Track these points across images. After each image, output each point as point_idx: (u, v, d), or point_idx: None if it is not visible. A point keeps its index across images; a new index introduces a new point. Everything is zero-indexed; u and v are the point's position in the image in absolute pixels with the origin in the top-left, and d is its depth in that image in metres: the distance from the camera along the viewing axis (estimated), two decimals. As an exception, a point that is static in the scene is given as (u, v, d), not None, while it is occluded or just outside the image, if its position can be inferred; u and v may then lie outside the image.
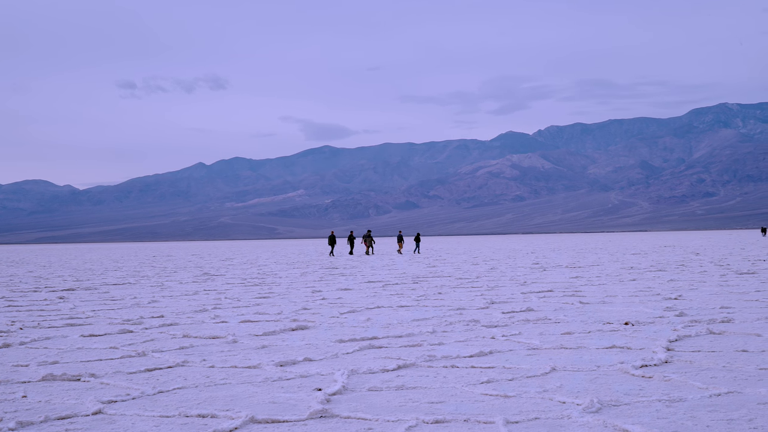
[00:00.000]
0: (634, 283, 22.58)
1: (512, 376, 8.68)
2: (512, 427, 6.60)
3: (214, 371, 9.39)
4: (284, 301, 18.98)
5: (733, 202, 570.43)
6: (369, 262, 43.30)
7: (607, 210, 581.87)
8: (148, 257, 69.04)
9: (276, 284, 25.82)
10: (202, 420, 7.07)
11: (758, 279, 23.25)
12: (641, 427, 6.42)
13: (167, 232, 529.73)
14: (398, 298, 19.36)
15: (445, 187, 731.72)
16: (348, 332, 12.67)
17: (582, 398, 7.47)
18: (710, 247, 60.49)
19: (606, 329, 12.48)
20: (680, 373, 8.62)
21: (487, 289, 21.72)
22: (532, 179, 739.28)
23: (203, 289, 24.22)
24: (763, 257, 39.02)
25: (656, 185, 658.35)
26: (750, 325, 12.62)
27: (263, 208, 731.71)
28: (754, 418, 6.68)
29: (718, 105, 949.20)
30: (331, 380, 8.65)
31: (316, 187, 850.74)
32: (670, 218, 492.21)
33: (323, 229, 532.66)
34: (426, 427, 6.68)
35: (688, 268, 29.84)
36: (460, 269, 33.27)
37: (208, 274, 33.37)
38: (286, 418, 7.01)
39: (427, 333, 12.39)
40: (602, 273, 28.19)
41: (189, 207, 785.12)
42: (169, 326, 14.10)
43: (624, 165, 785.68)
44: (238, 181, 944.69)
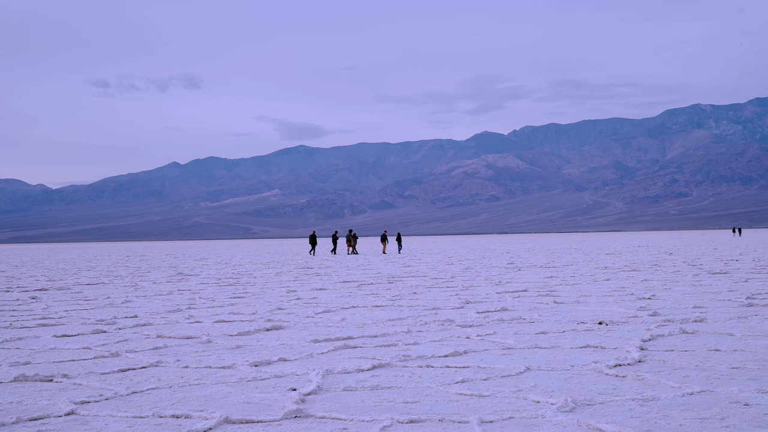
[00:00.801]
0: (608, 283, 22.69)
1: (487, 375, 8.69)
2: (487, 426, 6.60)
3: (188, 371, 9.34)
4: (259, 301, 18.93)
5: (706, 203, 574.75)
6: (344, 262, 43.27)
7: (581, 210, 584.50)
8: (121, 257, 68.65)
9: (251, 284, 25.75)
10: (176, 420, 7.03)
11: (730, 279, 23.43)
12: (615, 426, 6.45)
13: (141, 232, 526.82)
14: (373, 298, 19.35)
15: (421, 187, 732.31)
16: (323, 332, 12.65)
17: (556, 398, 7.49)
18: (683, 247, 60.90)
19: (580, 329, 12.54)
20: (653, 373, 8.67)
21: (462, 288, 21.76)
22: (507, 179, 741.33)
23: (177, 289, 24.11)
24: (735, 257, 39.33)
25: (630, 185, 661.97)
26: (722, 324, 12.71)
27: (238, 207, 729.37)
28: (726, 417, 6.73)
29: (692, 106, 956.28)
30: (306, 380, 8.63)
31: (291, 186, 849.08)
32: (643, 218, 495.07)
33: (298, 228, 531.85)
34: (401, 426, 6.68)
35: (661, 268, 30.03)
36: (435, 269, 33.31)
37: (183, 274, 33.22)
38: (261, 419, 6.99)
39: (402, 333, 12.39)
40: (576, 273, 28.31)
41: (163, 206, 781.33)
42: (142, 326, 14.03)
43: (598, 165, 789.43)
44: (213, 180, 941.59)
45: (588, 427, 6.51)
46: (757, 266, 30.08)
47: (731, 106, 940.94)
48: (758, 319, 13.31)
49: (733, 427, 6.38)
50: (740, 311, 14.55)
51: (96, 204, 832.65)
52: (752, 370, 8.74)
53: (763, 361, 9.27)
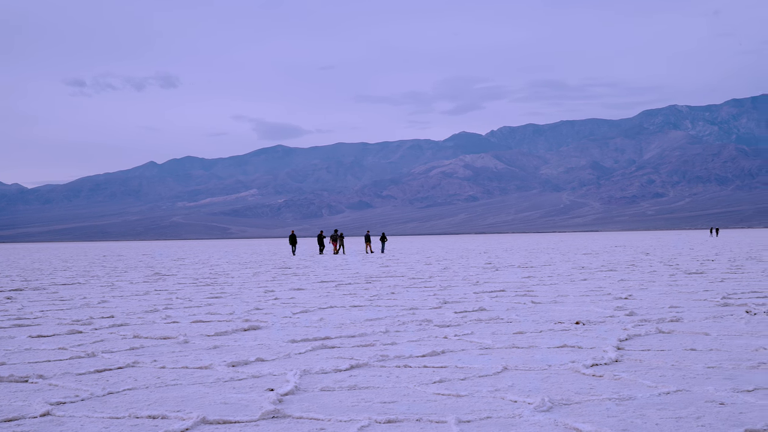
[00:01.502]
0: (585, 283, 22.79)
1: (464, 375, 8.71)
2: (464, 426, 6.61)
3: (164, 372, 9.30)
4: (236, 301, 18.88)
5: (682, 203, 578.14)
6: (322, 262, 43.22)
7: (558, 210, 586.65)
8: (98, 257, 68.30)
9: (228, 284, 25.68)
10: (153, 421, 7.00)
11: (706, 279, 23.58)
12: (592, 425, 6.47)
13: (118, 232, 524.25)
14: (351, 297, 19.34)
15: (399, 187, 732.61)
16: (301, 332, 12.63)
17: (533, 397, 7.51)
18: (660, 247, 61.24)
19: (557, 329, 12.58)
20: (630, 372, 8.71)
21: (440, 288, 21.79)
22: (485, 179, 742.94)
23: (154, 289, 24.01)
24: (711, 257, 39.59)
25: (607, 186, 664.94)
26: (698, 324, 12.79)
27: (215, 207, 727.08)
28: (702, 416, 6.76)
29: (668, 107, 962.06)
30: (284, 380, 8.61)
31: (268, 186, 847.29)
32: (620, 218, 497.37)
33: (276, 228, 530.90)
34: (378, 426, 6.67)
35: (638, 268, 30.18)
36: (413, 269, 33.33)
37: (160, 274, 33.08)
38: (238, 419, 6.97)
39: (379, 333, 12.39)
40: (554, 273, 28.41)
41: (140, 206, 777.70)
42: (119, 327, 13.96)
43: (575, 166, 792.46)
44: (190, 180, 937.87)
45: (565, 426, 6.53)
46: (733, 266, 30.30)
47: (707, 107, 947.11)
48: (733, 318, 13.40)
49: (709, 426, 6.42)
50: (716, 311, 14.65)
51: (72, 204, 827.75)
52: (727, 370, 8.80)
53: (739, 360, 9.34)
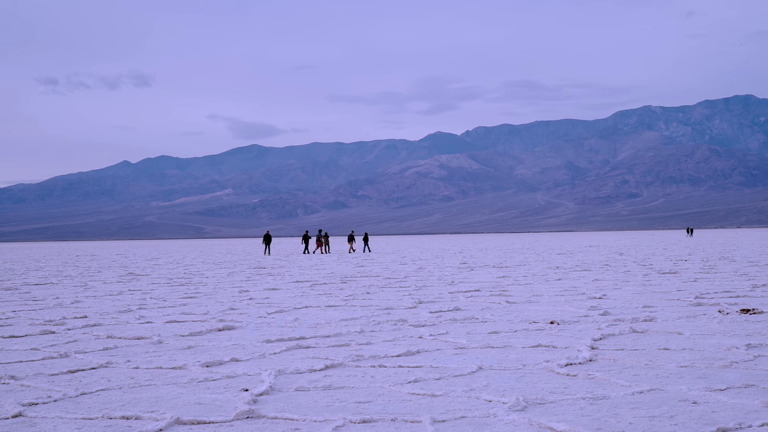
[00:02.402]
0: (560, 283, 22.88)
1: (439, 375, 8.71)
2: (439, 426, 6.62)
3: (138, 372, 9.25)
4: (211, 301, 18.81)
5: (656, 203, 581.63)
6: (297, 262, 43.16)
7: (533, 210, 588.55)
8: (71, 257, 67.85)
9: (203, 284, 25.58)
10: (126, 422, 6.96)
11: (679, 278, 23.73)
12: (566, 424, 6.50)
13: (91, 232, 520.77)
14: (326, 297, 19.32)
15: (374, 186, 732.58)
16: (275, 332, 12.60)
17: (508, 397, 7.53)
18: (634, 247, 61.59)
19: (532, 328, 12.62)
20: (604, 372, 8.75)
21: (415, 288, 21.81)
22: (460, 179, 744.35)
23: (128, 289, 23.88)
24: (684, 257, 39.85)
25: (582, 186, 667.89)
26: (672, 323, 12.87)
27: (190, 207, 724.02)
28: (675, 415, 6.81)
29: (642, 107, 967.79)
30: (258, 380, 8.59)
31: (243, 186, 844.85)
32: (595, 219, 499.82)
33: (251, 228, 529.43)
34: (353, 426, 6.67)
35: (612, 268, 30.34)
36: (389, 269, 33.34)
37: (133, 274, 32.91)
38: (212, 419, 6.94)
39: (355, 333, 12.39)
40: (529, 273, 28.50)
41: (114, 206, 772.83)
42: (92, 327, 13.87)
43: (550, 166, 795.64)
44: (165, 179, 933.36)
45: (539, 425, 6.55)
46: (706, 266, 30.52)
47: (681, 108, 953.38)
48: (706, 318, 13.50)
49: (682, 425, 6.46)
50: (689, 311, 14.74)
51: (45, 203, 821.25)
52: (700, 369, 8.86)
53: (711, 360, 9.41)
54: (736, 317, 13.52)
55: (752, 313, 13.95)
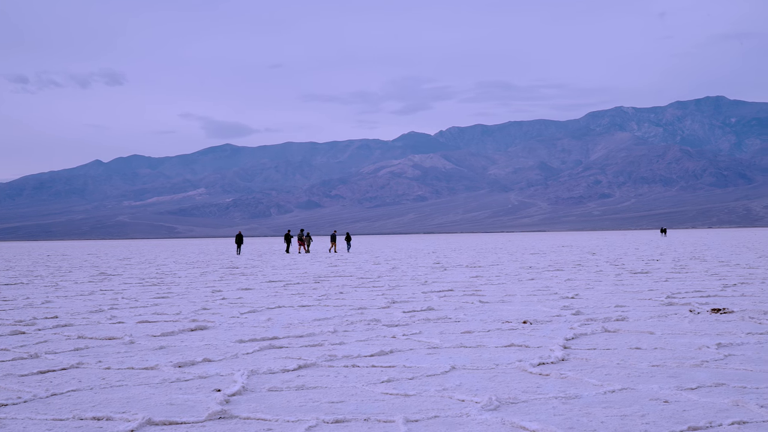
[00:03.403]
0: (533, 283, 22.96)
1: (412, 375, 8.72)
2: (412, 425, 6.62)
3: (110, 373, 9.19)
4: (183, 301, 18.72)
5: (628, 203, 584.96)
6: (270, 262, 43.06)
7: (506, 210, 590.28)
8: (41, 256, 67.32)
9: (175, 284, 25.46)
10: (97, 423, 6.91)
11: (651, 278, 23.89)
12: (538, 423, 6.52)
13: (62, 231, 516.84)
14: (299, 297, 19.28)
15: (347, 186, 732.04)
16: (248, 332, 12.56)
17: (481, 396, 7.55)
18: (606, 247, 61.94)
19: (505, 328, 12.66)
20: (576, 371, 8.79)
21: (389, 288, 21.81)
22: (434, 179, 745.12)
23: (99, 289, 23.72)
24: (656, 257, 40.12)
25: (554, 186, 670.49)
26: (643, 323, 12.95)
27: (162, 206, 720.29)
28: (647, 413, 6.85)
29: (614, 108, 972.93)
30: (231, 381, 8.56)
31: (216, 185, 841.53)
32: (567, 219, 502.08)
33: (224, 228, 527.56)
34: (326, 426, 6.66)
35: (584, 268, 30.49)
36: (362, 269, 33.33)
37: (105, 274, 32.70)
38: (184, 420, 6.90)
39: (328, 333, 12.37)
40: (501, 272, 28.58)
41: (85, 205, 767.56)
42: (63, 327, 13.76)
43: (523, 166, 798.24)
44: (137, 179, 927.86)
45: (512, 425, 6.57)
46: (677, 266, 30.74)
47: (652, 109, 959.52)
48: (677, 317, 13.59)
49: (653, 424, 6.50)
50: (660, 310, 14.84)
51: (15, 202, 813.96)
52: (672, 368, 8.92)
53: (682, 359, 9.47)
54: (707, 317, 13.62)
55: (723, 313, 14.06)
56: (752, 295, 17.60)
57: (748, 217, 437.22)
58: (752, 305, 15.31)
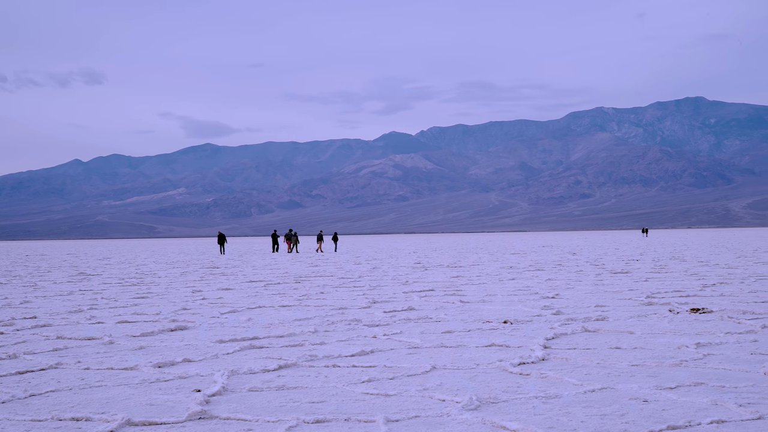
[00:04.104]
0: (513, 283, 23.01)
1: (393, 375, 8.72)
2: (392, 425, 6.62)
3: (89, 373, 9.14)
4: (163, 301, 18.66)
5: (608, 204, 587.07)
6: (251, 262, 42.97)
7: (487, 210, 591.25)
8: (20, 256, 66.93)
9: (155, 284, 25.37)
10: (76, 423, 6.87)
11: (631, 278, 24.00)
12: (518, 423, 6.53)
13: (41, 231, 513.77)
14: (280, 297, 19.25)
15: (329, 186, 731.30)
16: (228, 332, 12.53)
17: (461, 396, 7.56)
18: (586, 247, 62.16)
19: (485, 328, 12.68)
20: (556, 371, 8.81)
21: (369, 288, 21.81)
22: (415, 179, 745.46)
23: (78, 289, 23.60)
24: (636, 257, 40.30)
25: (535, 186, 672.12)
26: (623, 323, 13.00)
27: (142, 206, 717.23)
28: (626, 413, 6.88)
29: (595, 109, 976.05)
30: (211, 381, 8.53)
31: (197, 185, 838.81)
32: (548, 219, 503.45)
33: (204, 228, 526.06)
34: (306, 426, 6.65)
35: (565, 268, 30.58)
36: (343, 269, 33.31)
37: (84, 274, 32.54)
38: (164, 420, 6.88)
39: (308, 333, 12.36)
40: (482, 272, 28.63)
41: (64, 205, 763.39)
42: (42, 327, 13.68)
43: (504, 166, 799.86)
44: (116, 178, 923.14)
45: (492, 425, 6.58)
46: (657, 266, 30.89)
47: (633, 110, 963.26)
48: (657, 317, 13.65)
49: (633, 423, 6.53)
50: (640, 310, 14.91)
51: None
52: (651, 368, 8.96)
53: (662, 358, 9.52)
54: (686, 316, 13.70)
55: (702, 313, 14.14)
56: (731, 295, 17.71)
57: (727, 217, 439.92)
58: (731, 305, 15.40)
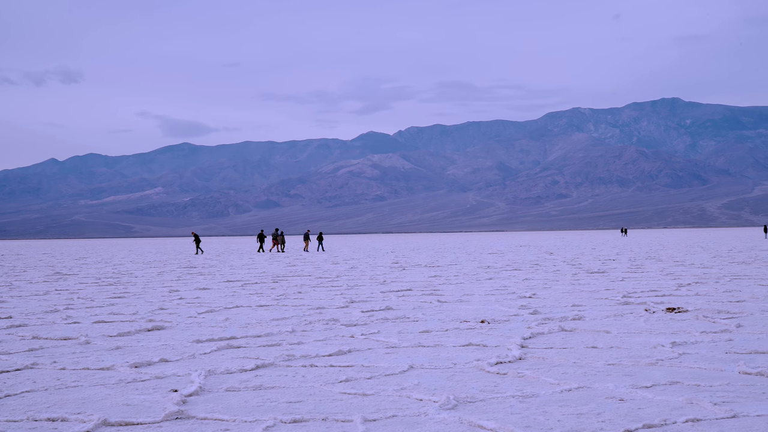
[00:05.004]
0: (491, 282, 23.07)
1: (370, 374, 8.73)
2: (370, 425, 6.62)
3: (65, 373, 9.09)
4: (140, 301, 18.58)
5: (584, 204, 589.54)
6: (228, 262, 42.85)
7: (465, 210, 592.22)
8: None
9: (132, 284, 25.25)
10: (52, 424, 6.84)
11: (608, 278, 24.11)
12: (496, 422, 6.55)
13: (17, 230, 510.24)
14: (257, 297, 19.22)
15: (306, 186, 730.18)
16: (206, 332, 12.49)
17: (439, 395, 7.57)
18: (563, 247, 62.39)
19: (463, 327, 12.70)
20: (533, 370, 8.85)
21: (347, 288, 21.80)
22: (393, 179, 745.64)
23: (55, 288, 23.46)
24: (612, 257, 40.49)
25: (512, 186, 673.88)
26: (599, 322, 13.07)
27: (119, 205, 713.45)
28: (602, 411, 6.92)
29: (572, 109, 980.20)
30: (188, 381, 8.51)
31: (174, 184, 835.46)
32: (525, 219, 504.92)
33: (181, 227, 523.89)
34: (284, 426, 6.64)
35: (542, 268, 30.69)
36: (320, 268, 33.28)
37: (60, 274, 32.35)
38: (141, 421, 6.85)
39: (286, 332, 12.34)
40: (460, 272, 28.68)
41: (40, 204, 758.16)
42: (17, 327, 13.60)
43: (482, 166, 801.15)
44: (93, 177, 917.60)
45: (469, 424, 6.60)
46: (633, 265, 31.05)
47: (609, 110, 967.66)
48: (633, 317, 13.73)
49: (609, 422, 6.56)
50: (616, 309, 14.99)
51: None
52: (627, 367, 9.01)
53: (638, 357, 9.57)
54: (662, 316, 13.78)
55: (677, 312, 14.23)
56: (706, 295, 17.83)
57: (702, 217, 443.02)
58: (706, 304, 15.50)
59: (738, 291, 18.60)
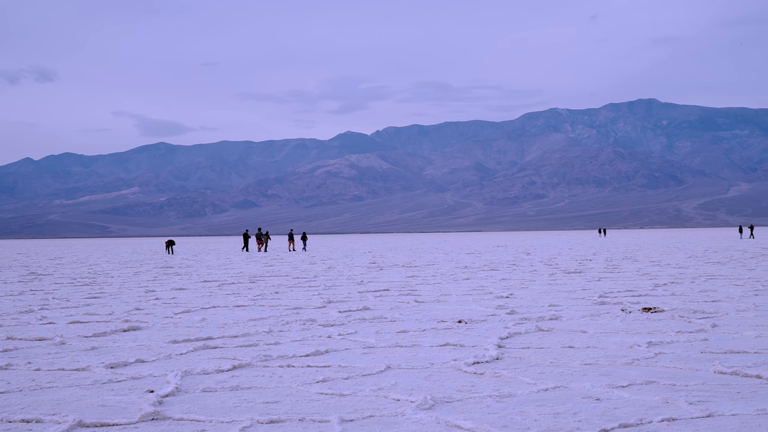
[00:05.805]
0: (468, 282, 23.11)
1: (348, 374, 8.72)
2: (347, 425, 6.62)
3: (39, 374, 9.03)
4: (116, 301, 18.48)
5: (561, 204, 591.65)
6: (205, 262, 42.71)
7: (443, 210, 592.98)
8: (-30, 256, 65.89)
9: (107, 284, 25.12)
10: (27, 425, 6.78)
11: (584, 278, 24.21)
12: (473, 422, 6.56)
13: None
14: (234, 297, 19.16)
15: (284, 186, 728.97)
16: (182, 333, 12.44)
17: (416, 395, 7.57)
18: (540, 247, 62.60)
19: (440, 327, 12.72)
20: (510, 370, 8.87)
21: (324, 288, 21.78)
22: (370, 179, 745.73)
23: (29, 289, 23.30)
24: (589, 257, 40.67)
25: (490, 186, 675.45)
26: (576, 322, 13.12)
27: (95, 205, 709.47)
28: (579, 411, 6.94)
29: (549, 110, 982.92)
30: (164, 382, 8.47)
31: (150, 184, 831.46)
32: (502, 219, 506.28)
33: (158, 227, 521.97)
34: (260, 427, 6.62)
35: (519, 268, 30.77)
36: (298, 268, 33.23)
37: (35, 274, 32.13)
38: (116, 422, 6.81)
39: (263, 333, 12.31)
40: (437, 272, 28.72)
41: (15, 204, 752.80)
42: (-8, 328, 13.48)
43: (459, 166, 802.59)
44: (69, 177, 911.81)
45: (446, 424, 6.61)
46: (609, 266, 31.20)
47: (586, 111, 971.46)
48: (610, 316, 13.79)
49: (585, 422, 6.58)
50: (593, 309, 15.05)
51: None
52: (604, 366, 9.05)
53: (614, 357, 9.61)
54: (638, 316, 13.85)
55: (653, 312, 14.31)
56: (682, 295, 17.94)
57: (678, 217, 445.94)
58: (682, 304, 15.60)
59: (713, 291, 18.72)
